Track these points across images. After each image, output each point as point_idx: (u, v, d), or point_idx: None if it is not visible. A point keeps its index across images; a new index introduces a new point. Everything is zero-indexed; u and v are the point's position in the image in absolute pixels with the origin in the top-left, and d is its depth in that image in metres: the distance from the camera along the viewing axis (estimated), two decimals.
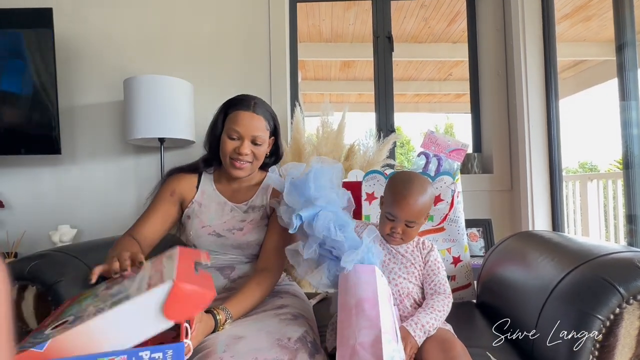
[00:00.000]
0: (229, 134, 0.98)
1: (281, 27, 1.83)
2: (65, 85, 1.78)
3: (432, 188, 0.91)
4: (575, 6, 2.83)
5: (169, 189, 1.04)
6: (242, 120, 0.97)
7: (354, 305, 0.72)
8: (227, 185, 1.07)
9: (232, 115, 0.99)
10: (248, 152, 0.98)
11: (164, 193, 1.04)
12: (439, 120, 11.99)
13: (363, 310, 0.71)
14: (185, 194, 1.05)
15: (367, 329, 0.67)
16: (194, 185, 1.06)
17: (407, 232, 0.89)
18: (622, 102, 1.36)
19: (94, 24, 1.82)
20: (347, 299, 0.75)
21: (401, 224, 0.88)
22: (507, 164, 1.83)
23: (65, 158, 1.79)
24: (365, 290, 0.74)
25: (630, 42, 1.35)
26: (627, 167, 1.37)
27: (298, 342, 0.75)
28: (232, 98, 1.03)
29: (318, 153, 1.57)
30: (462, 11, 2.12)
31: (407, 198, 0.86)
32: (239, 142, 0.97)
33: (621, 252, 0.77)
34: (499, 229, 1.74)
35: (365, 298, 0.73)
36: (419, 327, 0.79)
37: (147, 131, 1.51)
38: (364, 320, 0.69)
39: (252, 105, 0.99)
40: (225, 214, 1.04)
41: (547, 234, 1.05)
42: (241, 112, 0.98)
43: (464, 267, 1.19)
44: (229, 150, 0.98)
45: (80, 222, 1.77)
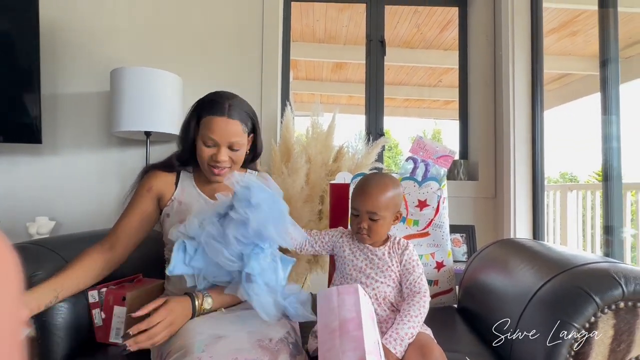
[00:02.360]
0: (204, 141, 0.93)
1: (275, 25, 1.81)
2: (49, 73, 1.73)
3: (395, 183, 0.92)
4: (562, 21, 2.91)
5: (145, 186, 0.99)
6: (217, 127, 0.91)
7: (338, 326, 0.71)
8: (208, 185, 1.03)
9: (205, 120, 0.93)
10: (226, 159, 0.94)
11: (140, 190, 0.99)
12: (427, 126, 12.14)
13: (347, 331, 0.69)
14: (163, 191, 1.00)
15: (351, 351, 0.66)
16: (173, 182, 1.02)
17: (372, 227, 0.89)
18: (604, 116, 1.40)
19: (83, 11, 1.77)
20: (329, 320, 0.73)
21: (364, 217, 0.88)
22: (492, 171, 1.87)
23: (46, 148, 1.74)
24: (349, 310, 0.73)
25: (614, 58, 1.39)
26: (606, 179, 1.41)
27: (280, 343, 0.75)
28: (205, 99, 0.97)
29: (307, 153, 1.57)
30: (454, 19, 2.15)
31: (364, 189, 0.89)
32: (215, 149, 0.93)
33: (598, 263, 0.79)
34: (482, 236, 1.77)
35: (350, 319, 0.71)
36: (399, 342, 0.79)
37: (133, 124, 1.48)
38: (348, 342, 0.68)
39: (227, 110, 0.92)
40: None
41: (528, 242, 1.08)
42: (215, 118, 0.92)
43: (447, 272, 1.21)
44: (206, 158, 0.94)
45: (59, 214, 1.72)
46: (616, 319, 0.72)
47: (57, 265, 0.90)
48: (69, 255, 0.94)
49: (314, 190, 1.55)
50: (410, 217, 1.21)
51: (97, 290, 0.93)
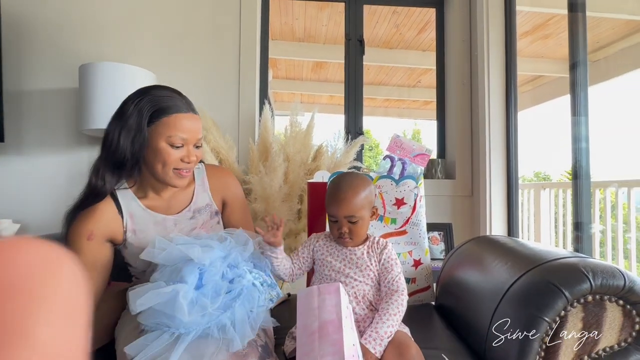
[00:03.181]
0: (172, 143, 0.82)
1: (252, 22, 1.78)
2: (12, 68, 1.64)
3: (365, 182, 0.92)
4: (535, 24, 3.00)
5: (81, 236, 0.80)
6: (187, 125, 0.83)
7: (317, 328, 0.70)
8: (158, 198, 0.91)
9: (169, 120, 0.82)
10: (195, 159, 0.87)
11: (78, 243, 0.80)
12: (407, 126, 12.31)
13: (327, 334, 0.69)
14: (110, 228, 0.84)
15: (330, 355, 0.66)
16: (115, 213, 0.85)
17: (353, 230, 0.89)
18: (574, 117, 1.45)
19: (49, 2, 1.69)
20: (309, 321, 0.72)
21: (344, 222, 0.88)
22: (469, 170, 1.90)
23: (9, 147, 1.65)
24: (330, 312, 0.72)
25: (583, 61, 1.44)
26: (576, 177, 1.46)
27: (248, 347, 0.72)
28: (155, 98, 0.83)
29: (285, 152, 1.55)
30: (432, 21, 2.18)
31: (338, 194, 0.88)
32: (184, 149, 0.85)
33: (568, 258, 0.81)
34: (459, 233, 1.80)
35: (329, 320, 0.71)
36: (378, 342, 0.78)
37: (104, 121, 1.41)
38: (327, 346, 0.67)
39: (188, 105, 0.86)
40: (169, 232, 0.89)
41: (502, 238, 1.10)
42: (182, 115, 0.83)
43: (424, 269, 1.21)
44: (173, 161, 0.83)
45: (24, 216, 1.64)
46: (584, 312, 0.74)
47: None
48: None
49: (293, 189, 1.53)
50: (388, 216, 1.21)
51: None
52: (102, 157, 0.84)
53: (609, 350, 0.75)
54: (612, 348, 0.75)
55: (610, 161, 3.97)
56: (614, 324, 0.75)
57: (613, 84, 3.36)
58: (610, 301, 0.74)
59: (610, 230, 2.46)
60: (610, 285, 0.73)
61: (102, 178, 0.83)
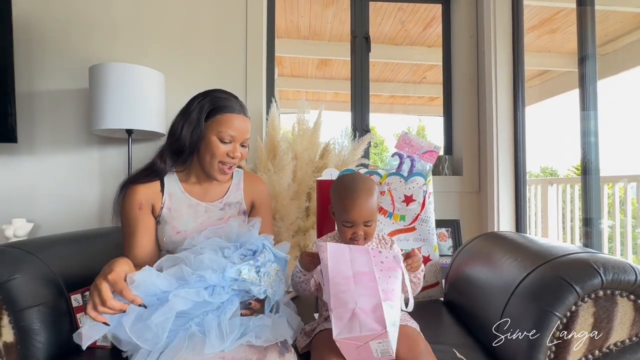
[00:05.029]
0: (222, 138, 0.95)
1: (259, 20, 1.79)
2: (24, 69, 1.67)
3: (373, 183, 0.93)
4: (542, 19, 2.97)
5: (134, 205, 0.95)
6: (236, 124, 0.96)
7: (352, 275, 0.73)
8: (197, 185, 1.02)
9: (222, 118, 0.95)
10: (239, 155, 0.98)
11: (131, 212, 0.95)
12: (412, 122, 12.25)
13: (362, 281, 0.72)
14: (153, 202, 0.97)
15: (366, 296, 0.68)
16: (158, 191, 0.98)
17: (367, 231, 0.90)
18: (582, 112, 1.44)
19: (60, 4, 1.71)
20: (343, 268, 0.75)
21: (360, 227, 0.89)
22: (476, 166, 1.90)
23: (22, 147, 1.68)
24: (363, 266, 0.75)
25: (592, 55, 1.43)
26: (585, 173, 1.45)
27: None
28: (214, 96, 0.97)
29: (293, 150, 1.56)
30: (438, 16, 2.17)
31: (358, 202, 0.87)
32: (231, 145, 0.96)
33: (578, 253, 0.81)
34: (467, 229, 1.80)
35: (363, 272, 0.74)
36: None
37: (114, 122, 1.44)
38: (363, 289, 0.70)
39: (241, 108, 0.99)
40: (199, 216, 0.99)
41: (511, 234, 1.10)
42: (234, 116, 0.96)
43: (433, 266, 1.22)
44: (221, 154, 0.95)
45: (37, 216, 1.67)
46: (596, 307, 0.74)
47: (36, 268, 0.87)
48: (48, 257, 0.91)
49: (301, 187, 1.54)
50: (397, 213, 1.22)
51: (81, 293, 0.91)
52: (166, 144, 0.99)
53: (620, 344, 0.75)
54: (623, 343, 0.75)
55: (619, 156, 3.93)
56: (625, 319, 0.75)
57: (622, 78, 3.31)
58: (622, 296, 0.74)
59: (619, 226, 2.44)
60: (622, 280, 0.73)
61: (164, 161, 0.97)
